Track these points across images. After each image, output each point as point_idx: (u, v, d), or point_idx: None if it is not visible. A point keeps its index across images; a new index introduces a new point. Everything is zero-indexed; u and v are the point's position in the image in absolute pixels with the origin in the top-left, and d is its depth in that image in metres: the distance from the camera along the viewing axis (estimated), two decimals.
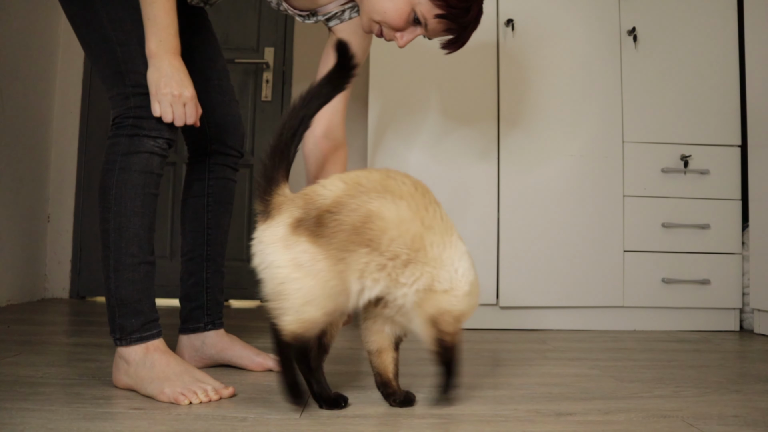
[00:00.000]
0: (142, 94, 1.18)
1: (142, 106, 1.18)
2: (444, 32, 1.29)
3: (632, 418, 1.07)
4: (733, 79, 2.31)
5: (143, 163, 1.18)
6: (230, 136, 1.47)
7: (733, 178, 2.28)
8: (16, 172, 2.58)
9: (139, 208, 1.18)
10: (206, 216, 1.45)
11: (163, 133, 1.20)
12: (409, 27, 1.28)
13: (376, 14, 1.27)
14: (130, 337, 1.17)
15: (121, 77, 1.19)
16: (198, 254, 1.44)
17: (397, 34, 1.29)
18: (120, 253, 1.17)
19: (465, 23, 1.27)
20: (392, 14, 1.25)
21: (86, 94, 2.93)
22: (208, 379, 1.16)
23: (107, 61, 1.20)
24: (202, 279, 1.44)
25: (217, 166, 1.46)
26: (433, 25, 1.26)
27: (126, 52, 1.18)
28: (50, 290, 2.88)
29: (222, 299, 1.47)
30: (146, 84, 1.17)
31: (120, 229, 1.17)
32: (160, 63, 1.14)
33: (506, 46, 2.24)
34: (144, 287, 1.19)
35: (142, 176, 1.18)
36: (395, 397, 1.13)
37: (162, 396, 1.10)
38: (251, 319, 2.38)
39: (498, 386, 1.28)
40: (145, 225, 1.19)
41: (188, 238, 1.45)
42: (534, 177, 2.23)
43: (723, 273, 2.25)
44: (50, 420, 0.98)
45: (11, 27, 2.53)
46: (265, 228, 1.04)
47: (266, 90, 2.93)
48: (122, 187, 1.18)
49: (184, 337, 1.43)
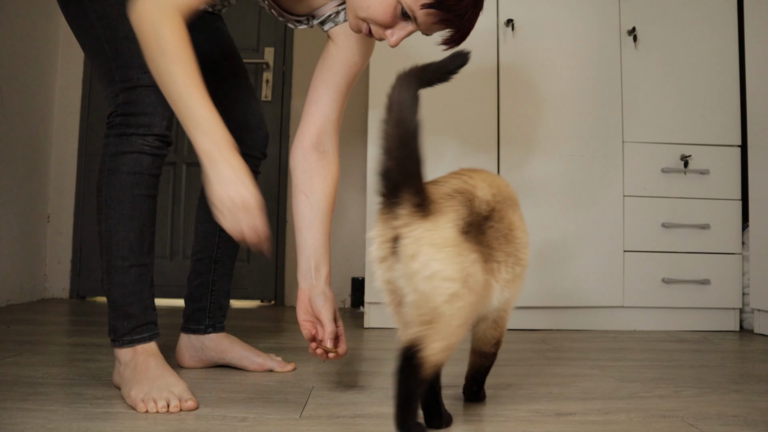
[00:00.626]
0: (129, 88, 1.14)
1: (129, 102, 1.14)
2: (438, 25, 1.13)
3: (632, 418, 1.07)
4: (733, 79, 2.31)
5: (131, 163, 1.15)
6: (252, 134, 1.44)
7: (733, 178, 2.28)
8: (16, 172, 2.58)
9: (128, 211, 1.16)
10: None
11: (153, 130, 1.15)
12: (398, 23, 1.13)
13: (361, 10, 1.13)
14: (122, 339, 1.17)
15: (111, 75, 1.16)
16: (207, 256, 1.43)
17: (387, 31, 1.15)
18: (110, 255, 1.16)
19: (460, 11, 1.10)
20: (377, 9, 1.11)
21: (86, 94, 2.93)
22: (177, 389, 1.09)
23: (101, 61, 1.18)
24: (208, 281, 1.43)
25: None
26: (422, 18, 1.11)
27: (113, 48, 1.15)
28: (50, 290, 2.88)
29: (227, 303, 1.47)
30: (134, 77, 1.13)
31: (109, 232, 1.16)
32: (218, 168, 1.00)
33: (506, 46, 2.24)
34: (135, 290, 1.17)
35: (131, 177, 1.15)
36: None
37: (128, 399, 1.08)
38: (251, 319, 2.38)
39: (498, 386, 1.28)
40: (134, 228, 1.16)
41: (199, 238, 1.44)
42: (534, 177, 2.23)
43: (723, 273, 2.25)
44: (50, 420, 0.98)
45: (11, 27, 2.53)
46: (430, 228, 0.85)
47: (266, 90, 2.93)
48: (111, 188, 1.16)
49: (185, 336, 1.43)
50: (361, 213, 2.80)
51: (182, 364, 1.42)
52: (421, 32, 1.17)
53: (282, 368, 1.40)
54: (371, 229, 0.91)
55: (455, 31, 1.15)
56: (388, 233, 0.88)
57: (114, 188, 1.16)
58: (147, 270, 1.19)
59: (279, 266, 2.89)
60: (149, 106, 1.15)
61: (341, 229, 2.86)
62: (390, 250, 0.88)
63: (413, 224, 0.85)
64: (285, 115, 2.93)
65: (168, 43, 1.01)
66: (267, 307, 2.84)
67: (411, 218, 0.85)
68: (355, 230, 2.85)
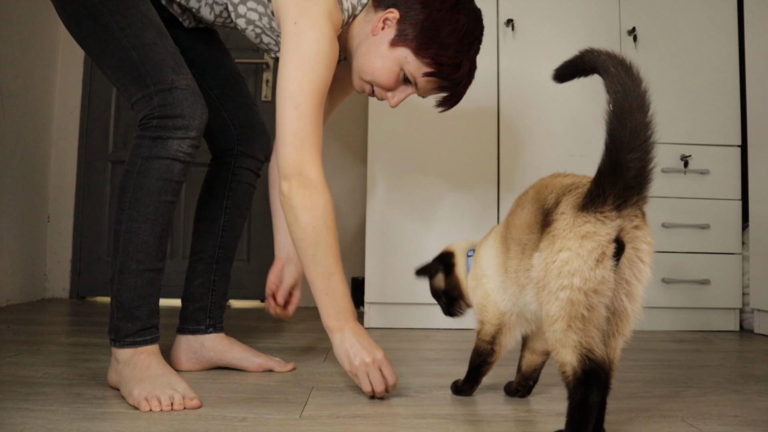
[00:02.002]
0: (165, 90, 1.15)
1: (165, 104, 1.14)
2: (436, 90, 1.27)
3: (632, 418, 1.07)
4: (733, 79, 2.31)
5: (163, 169, 1.15)
6: (257, 138, 1.47)
7: (733, 178, 2.28)
8: (16, 171, 2.58)
9: (151, 215, 1.16)
10: (223, 218, 1.44)
11: (190, 132, 1.16)
12: (400, 86, 1.26)
13: (366, 74, 1.25)
14: (123, 339, 1.16)
15: (142, 79, 1.16)
16: (208, 255, 1.43)
17: (388, 93, 1.27)
18: (126, 257, 1.16)
19: (456, 79, 1.24)
20: (381, 73, 1.23)
21: (86, 94, 2.93)
22: (181, 387, 1.10)
23: (127, 69, 1.17)
24: (209, 281, 1.43)
25: (241, 170, 1.46)
26: (423, 84, 1.24)
27: (141, 54, 1.16)
28: (50, 290, 2.88)
29: (225, 304, 1.47)
30: (168, 79, 1.15)
31: (129, 234, 1.16)
32: (342, 335, 1.16)
33: (506, 46, 2.24)
34: (145, 294, 1.18)
35: (160, 183, 1.15)
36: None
37: (130, 398, 1.08)
38: (251, 319, 2.38)
39: (498, 386, 1.28)
40: (155, 233, 1.17)
41: (201, 237, 1.44)
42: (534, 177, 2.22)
43: (723, 273, 2.25)
44: (50, 420, 0.98)
45: (11, 28, 2.53)
46: (650, 235, 0.87)
47: (266, 90, 2.93)
48: (138, 191, 1.15)
49: (183, 337, 1.41)
50: (361, 213, 2.80)
51: (179, 367, 1.39)
52: (419, 95, 1.29)
53: (282, 368, 1.40)
54: (580, 226, 0.84)
55: (450, 96, 1.28)
56: (611, 233, 0.84)
57: (142, 191, 1.15)
58: (159, 275, 1.20)
59: None
60: (187, 108, 1.16)
61: (341, 230, 2.86)
62: (611, 251, 0.84)
63: (646, 229, 0.86)
64: None
65: (330, 246, 1.15)
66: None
67: (644, 222, 0.86)
68: (355, 230, 2.85)
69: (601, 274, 0.83)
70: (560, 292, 0.85)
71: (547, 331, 0.89)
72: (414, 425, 1.02)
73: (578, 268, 0.83)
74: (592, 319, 0.84)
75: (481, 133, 2.23)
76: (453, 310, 1.26)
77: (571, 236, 0.85)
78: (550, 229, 0.89)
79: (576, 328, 0.85)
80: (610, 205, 0.83)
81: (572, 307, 0.84)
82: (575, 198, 0.88)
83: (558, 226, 0.87)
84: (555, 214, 0.89)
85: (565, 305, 0.85)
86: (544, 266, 0.88)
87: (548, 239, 0.89)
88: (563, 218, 0.87)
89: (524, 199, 1.05)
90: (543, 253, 0.89)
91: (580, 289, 0.83)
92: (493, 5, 2.23)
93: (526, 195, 1.06)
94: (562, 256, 0.85)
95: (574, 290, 0.84)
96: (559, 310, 0.86)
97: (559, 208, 0.89)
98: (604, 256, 0.83)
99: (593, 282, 0.83)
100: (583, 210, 0.85)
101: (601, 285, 0.84)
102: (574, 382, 0.85)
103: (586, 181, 0.90)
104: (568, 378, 0.86)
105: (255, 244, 2.90)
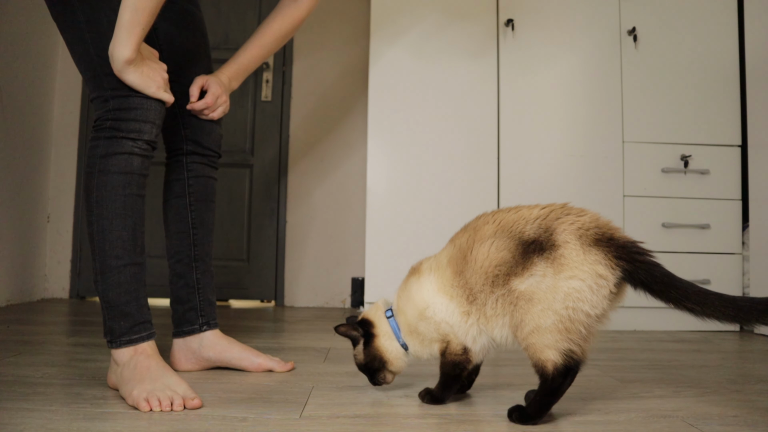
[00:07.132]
0: (121, 96, 1.15)
1: (121, 109, 1.15)
2: None
3: (632, 418, 1.07)
4: (733, 79, 2.31)
5: (122, 164, 1.16)
6: (206, 137, 1.44)
7: (733, 178, 2.28)
8: (16, 171, 2.58)
9: (120, 210, 1.16)
10: (190, 216, 1.42)
11: (143, 135, 1.17)
12: None
13: None
14: (119, 339, 1.16)
15: (99, 80, 1.17)
16: (185, 255, 1.42)
17: None
18: (104, 255, 1.16)
19: None
20: None
21: (86, 94, 2.93)
22: (181, 388, 1.09)
23: (86, 64, 1.18)
24: (192, 280, 1.42)
25: (195, 165, 1.43)
26: None
27: (101, 57, 1.15)
28: (50, 290, 2.88)
29: (214, 299, 1.46)
30: (124, 86, 1.14)
31: (102, 232, 1.16)
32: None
33: (506, 46, 2.24)
34: (131, 289, 1.17)
35: (122, 177, 1.16)
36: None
37: (129, 399, 1.08)
38: (251, 319, 2.38)
39: (498, 386, 1.28)
40: (128, 226, 1.17)
41: (173, 239, 1.43)
42: (534, 177, 2.23)
43: (723, 273, 2.25)
44: (50, 420, 0.98)
45: (11, 28, 2.53)
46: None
47: (266, 90, 2.93)
48: (102, 189, 1.16)
49: (180, 340, 1.41)
50: (361, 213, 2.80)
51: (179, 367, 1.39)
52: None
53: (281, 368, 1.40)
54: (591, 264, 0.96)
55: None
56: (618, 275, 0.99)
57: (106, 188, 1.16)
58: (141, 269, 1.20)
59: (279, 266, 2.89)
60: (141, 114, 1.16)
61: (341, 229, 2.86)
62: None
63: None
64: (285, 115, 2.92)
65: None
66: (267, 307, 2.84)
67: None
68: (355, 230, 2.85)
69: (604, 305, 0.97)
70: (563, 310, 0.96)
71: (531, 337, 0.99)
72: (414, 425, 1.02)
73: (588, 298, 0.96)
74: (583, 334, 0.98)
75: (481, 133, 2.23)
76: (377, 380, 1.19)
77: (586, 270, 0.96)
78: (554, 256, 0.97)
79: (566, 338, 0.97)
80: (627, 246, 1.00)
81: (571, 323, 0.96)
82: (574, 226, 0.99)
83: (566, 255, 0.97)
84: (554, 241, 0.98)
85: (563, 319, 0.96)
86: (544, 287, 0.97)
87: (552, 265, 0.97)
88: (569, 247, 0.97)
89: (479, 236, 1.07)
90: (537, 277, 0.98)
91: (588, 315, 0.96)
92: (493, 5, 2.23)
93: (473, 232, 1.10)
94: (573, 284, 0.96)
95: (577, 311, 0.96)
96: (556, 323, 0.96)
97: (556, 236, 0.98)
98: (609, 293, 0.97)
99: (599, 310, 0.97)
100: (594, 246, 0.97)
101: (602, 314, 0.98)
102: (553, 374, 0.98)
103: (558, 208, 1.03)
104: (548, 372, 0.98)
105: (255, 244, 2.90)
